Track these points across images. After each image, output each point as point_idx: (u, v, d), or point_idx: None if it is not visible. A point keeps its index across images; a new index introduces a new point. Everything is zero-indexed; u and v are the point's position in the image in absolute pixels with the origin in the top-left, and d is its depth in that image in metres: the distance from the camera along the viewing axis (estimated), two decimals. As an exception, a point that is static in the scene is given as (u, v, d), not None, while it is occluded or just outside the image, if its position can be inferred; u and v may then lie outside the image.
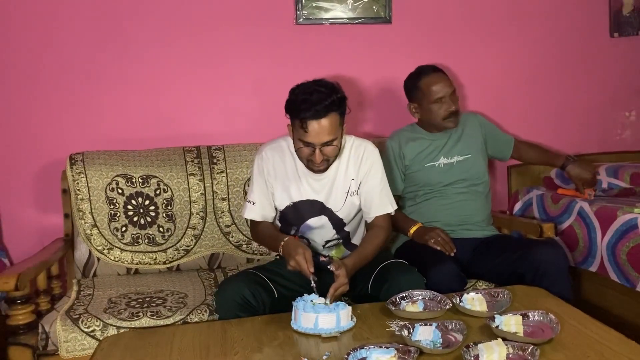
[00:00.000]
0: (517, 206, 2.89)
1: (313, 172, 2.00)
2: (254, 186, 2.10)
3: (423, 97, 2.43)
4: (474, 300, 1.80)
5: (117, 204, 2.42)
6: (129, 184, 2.44)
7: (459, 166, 2.46)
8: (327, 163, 1.97)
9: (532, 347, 1.48)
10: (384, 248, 2.17)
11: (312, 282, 1.86)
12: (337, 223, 2.11)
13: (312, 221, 2.09)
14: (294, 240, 1.97)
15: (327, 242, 2.14)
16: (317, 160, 1.93)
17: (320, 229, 2.10)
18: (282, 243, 1.96)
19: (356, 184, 2.09)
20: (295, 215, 2.09)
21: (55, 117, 2.59)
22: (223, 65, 2.72)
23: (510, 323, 1.63)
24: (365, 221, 2.20)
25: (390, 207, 2.14)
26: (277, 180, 2.08)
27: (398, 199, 2.44)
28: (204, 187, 2.50)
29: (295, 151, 1.98)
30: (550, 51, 3.06)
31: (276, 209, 2.13)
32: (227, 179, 2.52)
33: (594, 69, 3.12)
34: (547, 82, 3.07)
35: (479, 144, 2.53)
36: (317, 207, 2.07)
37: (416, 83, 2.45)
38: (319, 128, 1.87)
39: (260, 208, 2.10)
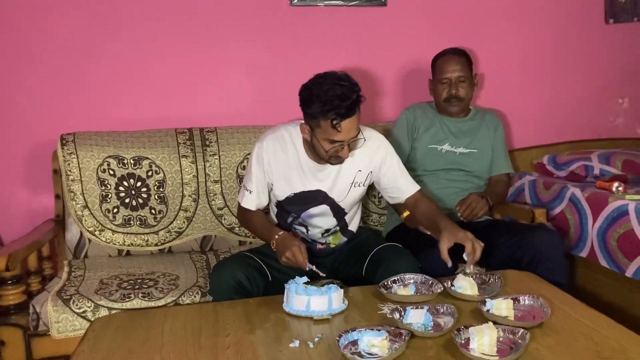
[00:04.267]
0: (510, 192, 2.90)
1: (333, 164, 1.97)
2: (252, 175, 2.06)
3: (434, 75, 2.50)
4: (465, 282, 1.81)
5: (108, 185, 2.41)
6: (121, 165, 2.42)
7: (461, 158, 2.46)
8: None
9: (522, 330, 1.49)
10: (374, 232, 2.19)
11: (309, 268, 1.87)
12: (339, 212, 2.10)
13: (314, 210, 2.07)
14: (289, 235, 1.97)
15: (326, 230, 2.13)
16: (346, 156, 1.91)
17: (321, 217, 2.09)
18: (276, 237, 1.95)
19: (363, 175, 2.06)
20: (297, 204, 2.07)
21: (46, 97, 2.56)
22: (217, 47, 2.69)
23: (501, 307, 1.64)
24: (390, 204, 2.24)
25: (415, 185, 2.15)
26: (277, 171, 2.04)
27: None
28: (197, 169, 2.49)
29: (317, 150, 1.91)
30: (545, 37, 3.05)
31: (275, 198, 2.11)
32: (219, 162, 2.51)
33: (589, 56, 3.12)
34: (541, 68, 3.07)
35: (487, 144, 2.52)
36: (320, 197, 2.05)
37: (434, 61, 2.50)
38: (351, 125, 1.84)
39: (256, 197, 2.07)
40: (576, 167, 2.68)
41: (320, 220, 2.09)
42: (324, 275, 1.89)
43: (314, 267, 1.89)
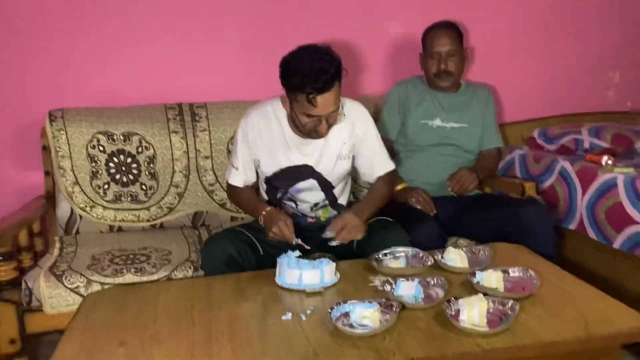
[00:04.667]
0: (500, 165, 2.91)
1: (313, 139, 1.97)
2: (238, 151, 2.06)
3: (424, 49, 2.48)
4: (455, 255, 1.83)
5: (98, 162, 2.40)
6: (110, 141, 2.41)
7: (452, 132, 2.46)
8: (329, 129, 1.94)
9: (512, 302, 1.51)
10: None
11: (296, 242, 1.88)
12: (326, 186, 2.10)
13: (301, 185, 2.07)
14: (275, 210, 1.98)
15: (315, 204, 2.13)
16: (324, 131, 1.90)
17: (309, 192, 2.09)
18: (264, 213, 1.96)
19: (347, 147, 2.06)
20: (284, 180, 2.07)
21: (34, 72, 2.52)
22: (206, 21, 2.65)
23: (491, 279, 1.67)
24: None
25: (390, 164, 2.16)
26: (263, 147, 2.03)
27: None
28: (187, 145, 2.48)
29: (296, 123, 1.92)
30: (536, 10, 3.03)
31: (263, 174, 2.11)
32: (210, 137, 2.50)
33: (580, 29, 3.11)
34: (532, 41, 3.06)
35: (477, 119, 2.52)
36: (307, 172, 2.05)
37: (424, 35, 2.48)
38: (327, 100, 1.82)
39: (242, 174, 2.09)
40: (566, 140, 2.70)
41: (309, 194, 2.09)
42: (309, 248, 1.90)
43: (299, 241, 1.90)
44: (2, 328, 1.95)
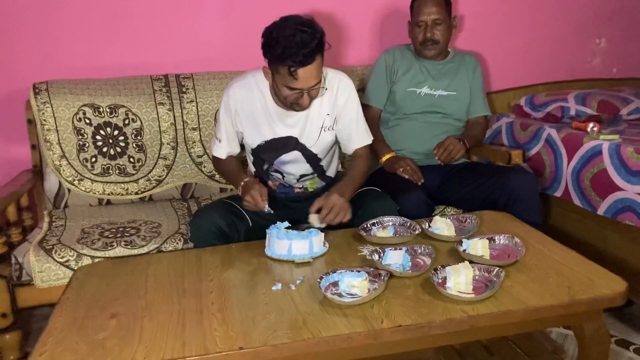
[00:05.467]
0: (487, 134, 2.92)
1: (296, 111, 1.96)
2: (221, 124, 2.07)
3: (411, 17, 2.47)
4: (442, 224, 1.86)
5: (85, 135, 2.38)
6: (97, 113, 2.39)
7: (440, 100, 2.46)
8: (312, 102, 1.94)
9: (497, 269, 1.54)
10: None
11: (268, 210, 1.90)
12: (311, 158, 2.09)
13: (286, 157, 2.07)
14: (252, 180, 1.99)
15: (302, 175, 2.14)
16: (306, 103, 1.88)
17: (293, 164, 2.09)
18: (242, 184, 1.97)
19: (331, 118, 2.05)
20: (269, 152, 2.07)
21: (16, 45, 2.48)
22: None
23: (477, 247, 1.70)
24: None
25: (368, 137, 2.15)
26: (246, 119, 2.03)
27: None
28: (174, 116, 2.46)
29: (278, 95, 1.91)
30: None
31: (248, 146, 2.11)
32: (197, 109, 2.48)
33: (566, -4, 3.10)
34: (519, 9, 3.04)
35: (466, 86, 2.51)
36: (290, 143, 2.05)
37: (412, 3, 2.48)
38: (309, 73, 1.80)
39: (226, 146, 2.09)
40: (553, 108, 2.71)
41: (293, 166, 2.10)
42: (272, 211, 1.91)
43: (271, 211, 1.91)
44: (-6, 302, 1.96)
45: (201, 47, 2.68)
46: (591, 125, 2.43)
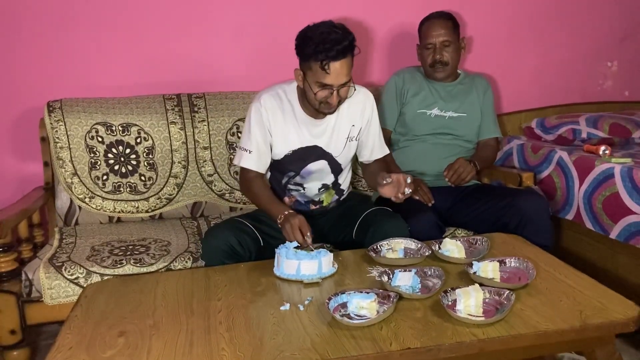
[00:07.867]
0: (498, 156, 2.91)
1: (324, 114, 2.00)
2: (251, 135, 2.03)
3: (420, 40, 2.49)
4: (452, 246, 1.84)
5: (97, 152, 2.40)
6: (109, 132, 2.41)
7: (450, 121, 2.46)
8: (339, 105, 1.98)
9: (507, 292, 1.52)
10: (364, 197, 2.23)
11: (307, 245, 1.87)
12: (336, 168, 2.13)
13: (313, 166, 2.08)
14: (294, 213, 1.92)
15: (323, 185, 2.14)
16: (335, 102, 1.93)
17: (319, 174, 2.11)
18: (282, 217, 1.92)
19: (356, 130, 2.11)
20: (295, 161, 2.07)
21: (32, 63, 2.52)
22: (204, 9, 2.64)
23: (488, 269, 1.68)
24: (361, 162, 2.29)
25: (386, 149, 2.24)
26: (276, 129, 2.04)
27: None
28: (185, 135, 2.48)
29: (308, 95, 1.94)
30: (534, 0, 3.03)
31: (273, 159, 2.10)
32: (208, 128, 2.50)
33: (578, 18, 3.10)
34: (530, 31, 3.05)
35: (476, 108, 2.52)
36: (317, 152, 2.08)
37: (420, 25, 2.50)
38: (340, 69, 1.86)
39: (256, 157, 2.05)
40: (564, 130, 2.70)
41: (319, 176, 2.11)
42: (313, 250, 1.84)
43: (312, 249, 1.84)
44: (3, 319, 1.97)
45: (214, 67, 2.71)
46: (603, 148, 2.42)
